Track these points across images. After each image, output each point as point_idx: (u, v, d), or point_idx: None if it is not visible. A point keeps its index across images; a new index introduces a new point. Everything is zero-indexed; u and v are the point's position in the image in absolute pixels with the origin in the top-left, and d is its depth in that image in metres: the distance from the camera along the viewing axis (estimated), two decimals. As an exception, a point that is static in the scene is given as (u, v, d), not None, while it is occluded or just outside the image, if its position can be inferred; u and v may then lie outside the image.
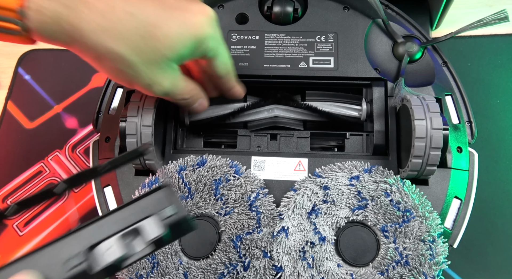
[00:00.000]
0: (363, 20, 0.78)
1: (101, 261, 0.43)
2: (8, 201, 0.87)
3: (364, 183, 0.67)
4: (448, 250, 0.64)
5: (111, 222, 0.45)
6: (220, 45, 0.62)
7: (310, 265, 0.64)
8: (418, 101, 0.65)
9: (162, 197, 0.46)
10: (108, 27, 0.52)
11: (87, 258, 0.43)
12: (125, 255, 0.43)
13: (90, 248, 0.43)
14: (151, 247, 0.45)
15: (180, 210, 0.45)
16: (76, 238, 0.44)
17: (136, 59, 0.55)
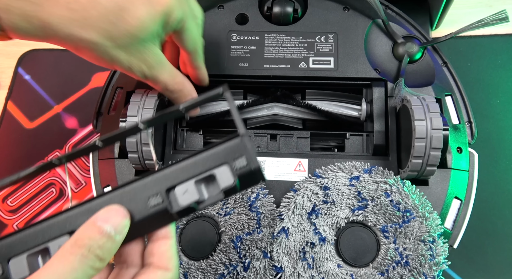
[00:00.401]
0: (363, 21, 0.78)
1: (178, 202, 0.46)
2: (8, 201, 0.87)
3: (364, 183, 0.67)
4: (448, 250, 0.64)
5: (188, 167, 0.47)
6: (188, 19, 0.62)
7: (310, 266, 0.64)
8: (418, 101, 0.65)
9: (236, 146, 0.47)
10: (76, 17, 0.52)
11: (166, 198, 0.46)
12: (199, 199, 0.46)
13: (168, 190, 0.47)
14: (223, 194, 0.47)
15: (251, 161, 0.46)
16: (157, 179, 0.47)
17: (110, 44, 0.55)
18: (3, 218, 0.86)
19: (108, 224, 0.43)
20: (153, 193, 0.47)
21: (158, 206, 0.46)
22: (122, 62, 0.58)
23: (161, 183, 0.47)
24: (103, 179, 0.73)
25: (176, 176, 0.47)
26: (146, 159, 0.68)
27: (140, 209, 0.46)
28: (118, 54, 0.56)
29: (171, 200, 0.47)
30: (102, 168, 0.73)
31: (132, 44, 0.56)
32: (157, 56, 0.61)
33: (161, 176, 0.47)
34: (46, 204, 0.87)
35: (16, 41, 0.98)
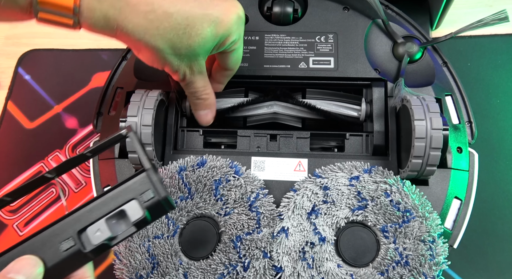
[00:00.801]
0: (363, 21, 0.78)
1: (91, 241, 0.48)
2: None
3: (364, 183, 0.67)
4: (448, 250, 0.64)
5: (98, 206, 0.50)
6: (240, 41, 0.66)
7: (310, 266, 0.64)
8: (418, 101, 0.65)
9: (143, 180, 0.50)
10: (149, 26, 0.58)
11: (79, 240, 0.48)
12: (111, 236, 0.49)
13: (80, 231, 0.49)
14: (135, 227, 0.49)
15: (157, 193, 0.49)
16: (68, 223, 0.49)
17: (170, 52, 0.60)
18: (3, 218, 0.86)
19: (20, 275, 0.44)
20: (65, 237, 0.48)
21: (71, 249, 0.48)
22: (173, 65, 0.63)
23: (72, 226, 0.49)
24: (103, 179, 0.73)
25: (87, 217, 0.49)
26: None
27: (53, 254, 0.48)
28: (172, 59, 0.61)
29: (83, 241, 0.49)
30: (102, 168, 0.73)
31: (187, 55, 0.61)
32: (201, 66, 0.65)
33: (72, 219, 0.49)
34: (46, 204, 0.87)
35: (16, 41, 0.98)
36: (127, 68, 0.79)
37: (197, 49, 0.61)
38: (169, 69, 0.63)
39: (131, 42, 0.60)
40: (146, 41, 0.58)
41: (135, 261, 0.65)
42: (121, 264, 0.66)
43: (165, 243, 0.66)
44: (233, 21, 0.62)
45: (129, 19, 0.56)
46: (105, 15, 0.55)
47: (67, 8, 0.54)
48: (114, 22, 0.56)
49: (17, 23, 1.00)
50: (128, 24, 0.57)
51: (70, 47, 1.00)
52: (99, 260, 0.81)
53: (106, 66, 0.98)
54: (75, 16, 0.55)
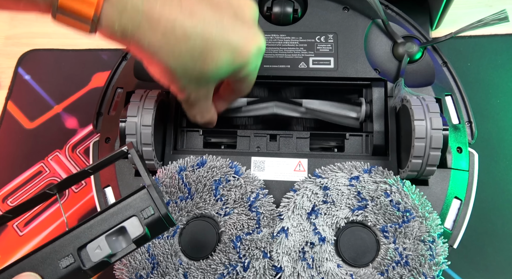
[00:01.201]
0: (363, 21, 0.78)
1: (91, 258, 0.49)
2: (8, 201, 0.87)
3: (364, 183, 0.67)
4: (448, 250, 0.64)
5: (98, 223, 0.50)
6: (256, 71, 0.65)
7: (310, 266, 0.64)
8: (418, 101, 0.65)
9: (143, 197, 0.51)
10: (165, 46, 0.56)
11: (79, 257, 0.49)
12: (111, 253, 0.49)
13: (80, 248, 0.49)
14: (135, 245, 0.50)
15: (157, 210, 0.50)
16: (67, 240, 0.49)
17: (181, 73, 0.58)
18: (3, 218, 0.86)
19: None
20: (65, 254, 0.49)
21: (70, 266, 0.48)
22: (180, 86, 0.61)
23: (72, 243, 0.49)
24: (103, 179, 0.73)
25: (87, 234, 0.49)
26: (146, 159, 0.68)
27: (52, 271, 0.48)
28: (181, 79, 0.60)
29: (83, 258, 0.49)
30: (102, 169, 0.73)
31: (198, 79, 0.60)
32: (209, 92, 0.64)
33: (72, 236, 0.49)
34: (46, 204, 0.87)
35: (16, 41, 0.98)
36: (127, 68, 0.79)
37: (209, 75, 0.59)
38: (176, 88, 0.62)
39: (144, 56, 0.58)
40: (159, 58, 0.57)
41: (135, 261, 0.65)
42: (121, 264, 0.66)
43: (165, 243, 0.66)
44: (253, 53, 0.60)
45: (146, 35, 0.55)
46: (123, 29, 0.54)
47: (86, 16, 0.53)
48: (131, 36, 0.55)
49: (17, 23, 1.00)
50: (144, 40, 0.55)
51: (70, 47, 1.00)
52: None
53: (106, 66, 0.98)
54: (93, 24, 0.54)
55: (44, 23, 1.03)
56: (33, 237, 0.84)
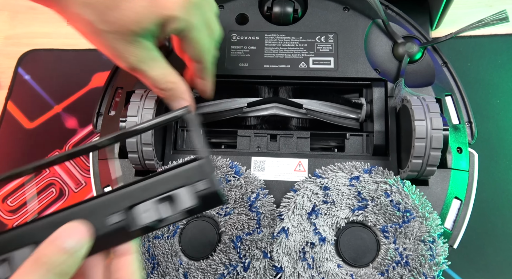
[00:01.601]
0: (363, 21, 0.78)
1: (138, 220, 0.48)
2: (8, 201, 0.87)
3: (364, 183, 0.67)
4: (448, 250, 0.64)
5: (150, 186, 0.49)
6: (193, 30, 0.62)
7: (310, 266, 0.64)
8: (418, 101, 0.65)
9: (198, 169, 0.49)
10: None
11: (127, 216, 0.48)
12: (159, 218, 0.48)
13: (129, 207, 0.48)
14: (183, 215, 0.49)
15: (212, 184, 0.49)
16: (119, 197, 0.48)
17: (103, 28, 0.56)
18: (3, 218, 0.86)
19: (69, 240, 0.43)
20: (115, 210, 0.48)
21: (118, 224, 0.47)
22: (109, 47, 0.58)
23: (122, 201, 0.48)
24: (103, 179, 0.73)
25: (138, 195, 0.48)
26: (146, 159, 0.68)
27: (101, 225, 0.47)
28: (107, 38, 0.57)
29: (131, 218, 0.48)
30: (102, 168, 0.73)
31: (124, 34, 0.57)
32: (149, 52, 0.61)
33: (123, 194, 0.49)
34: (46, 204, 0.87)
35: (16, 41, 0.98)
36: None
37: (130, 25, 0.56)
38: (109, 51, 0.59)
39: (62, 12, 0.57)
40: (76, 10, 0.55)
41: (135, 261, 0.65)
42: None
43: (165, 243, 0.66)
44: (178, 3, 0.58)
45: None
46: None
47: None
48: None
49: (17, 23, 1.00)
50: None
51: (70, 47, 1.00)
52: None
53: (106, 66, 0.98)
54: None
55: (44, 23, 1.03)
56: (33, 237, 0.84)
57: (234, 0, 0.79)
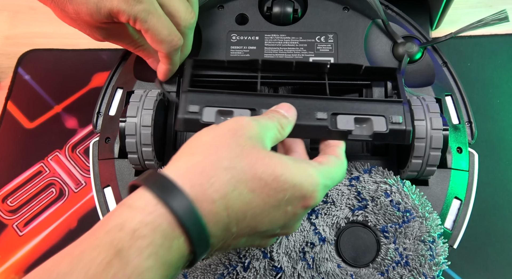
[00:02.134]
0: (363, 21, 0.78)
1: (337, 125, 0.61)
2: (8, 201, 0.87)
3: (364, 183, 0.67)
4: (448, 250, 0.64)
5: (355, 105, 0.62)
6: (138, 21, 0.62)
7: (310, 266, 0.64)
8: (418, 101, 0.65)
9: (398, 108, 0.62)
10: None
11: (330, 118, 0.61)
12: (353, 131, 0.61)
13: (334, 114, 0.62)
14: (371, 137, 0.61)
15: (406, 123, 0.61)
16: (327, 103, 0.62)
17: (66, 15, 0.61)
18: (3, 218, 0.85)
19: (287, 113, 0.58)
20: (323, 109, 0.61)
21: (322, 121, 0.61)
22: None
23: (330, 106, 0.62)
24: (103, 179, 0.73)
25: (343, 108, 0.62)
26: (145, 159, 0.68)
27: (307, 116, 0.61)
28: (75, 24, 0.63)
29: (334, 121, 0.61)
30: (102, 168, 0.73)
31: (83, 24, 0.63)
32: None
33: (330, 102, 0.62)
34: (46, 204, 0.87)
35: (16, 41, 0.98)
36: (126, 68, 0.79)
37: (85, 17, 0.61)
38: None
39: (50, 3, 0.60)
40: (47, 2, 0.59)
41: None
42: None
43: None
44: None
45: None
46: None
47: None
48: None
49: (17, 23, 1.00)
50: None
51: (70, 47, 1.00)
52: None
53: (106, 66, 0.97)
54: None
55: (44, 23, 1.03)
56: (33, 237, 0.84)
57: (234, 0, 0.79)
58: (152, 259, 0.41)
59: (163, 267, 0.41)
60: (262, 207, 0.48)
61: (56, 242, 0.83)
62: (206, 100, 0.62)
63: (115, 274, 0.39)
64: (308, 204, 0.51)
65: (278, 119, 0.56)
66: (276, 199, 0.48)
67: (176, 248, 0.43)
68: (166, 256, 0.42)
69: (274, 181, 0.48)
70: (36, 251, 0.83)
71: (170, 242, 0.42)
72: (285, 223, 0.51)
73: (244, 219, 0.47)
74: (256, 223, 0.48)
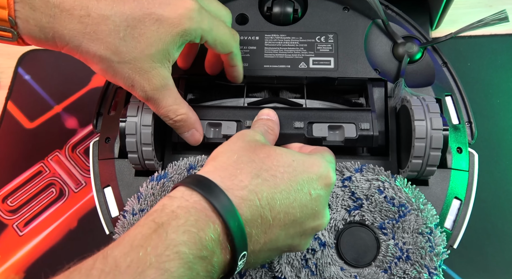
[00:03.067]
0: (363, 21, 0.78)
1: (312, 133, 0.70)
2: (8, 201, 0.87)
3: (356, 183, 0.67)
4: (448, 249, 0.65)
5: (328, 115, 0.71)
6: (208, 31, 0.62)
7: (314, 272, 0.64)
8: (418, 101, 0.65)
9: (367, 116, 0.70)
10: (87, 31, 0.55)
11: (306, 127, 0.70)
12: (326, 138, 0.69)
13: (310, 123, 0.70)
14: (343, 142, 0.69)
15: (373, 129, 0.69)
16: (303, 114, 0.71)
17: (116, 59, 0.57)
18: (3, 218, 0.85)
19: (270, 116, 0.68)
20: (300, 120, 0.70)
21: (299, 129, 0.69)
22: (125, 77, 0.59)
23: (306, 116, 0.70)
24: (103, 179, 0.73)
25: (317, 117, 0.70)
26: (146, 159, 0.68)
27: (287, 125, 0.70)
28: (122, 69, 0.58)
29: (309, 129, 0.70)
30: (102, 168, 0.73)
31: (137, 61, 0.58)
32: (164, 79, 0.61)
33: (306, 113, 0.71)
34: (46, 204, 0.87)
35: (16, 41, 0.98)
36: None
37: (146, 52, 0.58)
38: (124, 82, 0.60)
39: (74, 51, 0.57)
40: (87, 48, 0.56)
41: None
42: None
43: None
44: (184, 16, 0.58)
45: (64, 25, 0.54)
46: (39, 24, 0.54)
47: (2, 20, 0.53)
48: (50, 30, 0.54)
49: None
50: (63, 31, 0.55)
51: (70, 47, 1.00)
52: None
53: (106, 66, 0.97)
54: (13, 28, 0.54)
55: (44, 23, 1.03)
56: (33, 237, 0.84)
57: (234, 0, 0.79)
58: (187, 235, 0.46)
59: (197, 245, 0.46)
60: (287, 191, 0.53)
61: (56, 242, 0.83)
62: (198, 113, 0.69)
63: (156, 245, 0.45)
64: (327, 182, 0.57)
65: (264, 123, 0.66)
66: (297, 182, 0.54)
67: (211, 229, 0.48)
68: (200, 235, 0.46)
69: (289, 167, 0.55)
70: (36, 251, 0.83)
71: (203, 224, 0.47)
72: (313, 210, 0.55)
73: (275, 205, 0.52)
74: (287, 208, 0.53)
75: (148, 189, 0.67)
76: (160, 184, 0.67)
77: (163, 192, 0.67)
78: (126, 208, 0.68)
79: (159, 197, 0.67)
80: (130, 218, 0.67)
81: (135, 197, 0.68)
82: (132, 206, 0.67)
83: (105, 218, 0.72)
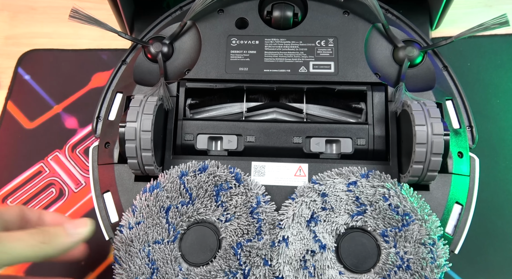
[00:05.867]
0: (363, 25, 0.77)
1: (310, 147, 0.73)
2: (8, 201, 0.87)
3: (362, 188, 0.67)
4: (449, 254, 0.65)
5: (326, 129, 0.73)
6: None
7: (312, 274, 0.64)
8: (418, 106, 0.65)
9: (364, 129, 0.73)
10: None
11: (304, 141, 0.73)
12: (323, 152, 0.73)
13: (307, 137, 0.73)
14: (339, 157, 0.73)
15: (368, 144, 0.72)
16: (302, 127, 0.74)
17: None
18: (4, 219, 0.86)
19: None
20: (298, 135, 0.73)
21: (298, 144, 0.73)
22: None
23: (304, 131, 0.73)
24: (103, 184, 0.73)
25: (315, 131, 0.73)
26: (145, 164, 0.68)
27: (285, 141, 0.73)
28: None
29: (307, 143, 0.73)
30: (102, 174, 0.73)
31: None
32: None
33: (305, 126, 0.73)
34: (46, 204, 0.87)
35: (16, 41, 0.98)
36: (126, 72, 0.79)
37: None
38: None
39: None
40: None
41: (135, 266, 0.65)
42: (120, 268, 0.66)
43: (165, 248, 0.66)
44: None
45: None
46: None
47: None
48: None
49: (17, 23, 1.00)
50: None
51: (70, 47, 1.00)
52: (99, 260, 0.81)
53: (106, 66, 0.98)
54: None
55: (44, 23, 1.03)
56: (33, 238, 0.84)
57: (233, 4, 0.79)
58: None
59: None
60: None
61: (56, 244, 0.83)
62: (199, 127, 0.74)
63: None
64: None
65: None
66: None
67: None
68: None
69: None
70: (36, 252, 0.83)
71: None
72: None
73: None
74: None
75: (142, 201, 0.68)
76: (154, 195, 0.68)
77: (158, 202, 0.67)
78: (122, 223, 0.68)
79: (154, 208, 0.67)
80: (127, 233, 0.67)
81: (130, 211, 0.68)
82: (128, 220, 0.67)
83: (105, 223, 0.72)
